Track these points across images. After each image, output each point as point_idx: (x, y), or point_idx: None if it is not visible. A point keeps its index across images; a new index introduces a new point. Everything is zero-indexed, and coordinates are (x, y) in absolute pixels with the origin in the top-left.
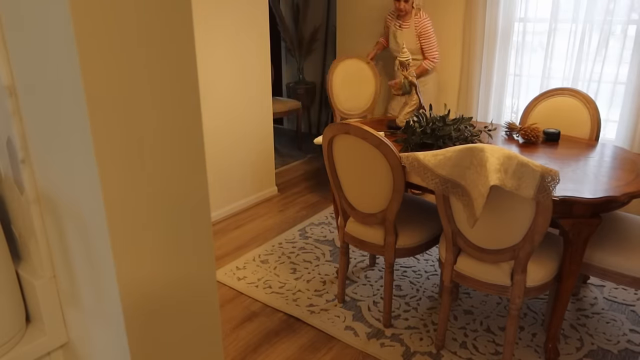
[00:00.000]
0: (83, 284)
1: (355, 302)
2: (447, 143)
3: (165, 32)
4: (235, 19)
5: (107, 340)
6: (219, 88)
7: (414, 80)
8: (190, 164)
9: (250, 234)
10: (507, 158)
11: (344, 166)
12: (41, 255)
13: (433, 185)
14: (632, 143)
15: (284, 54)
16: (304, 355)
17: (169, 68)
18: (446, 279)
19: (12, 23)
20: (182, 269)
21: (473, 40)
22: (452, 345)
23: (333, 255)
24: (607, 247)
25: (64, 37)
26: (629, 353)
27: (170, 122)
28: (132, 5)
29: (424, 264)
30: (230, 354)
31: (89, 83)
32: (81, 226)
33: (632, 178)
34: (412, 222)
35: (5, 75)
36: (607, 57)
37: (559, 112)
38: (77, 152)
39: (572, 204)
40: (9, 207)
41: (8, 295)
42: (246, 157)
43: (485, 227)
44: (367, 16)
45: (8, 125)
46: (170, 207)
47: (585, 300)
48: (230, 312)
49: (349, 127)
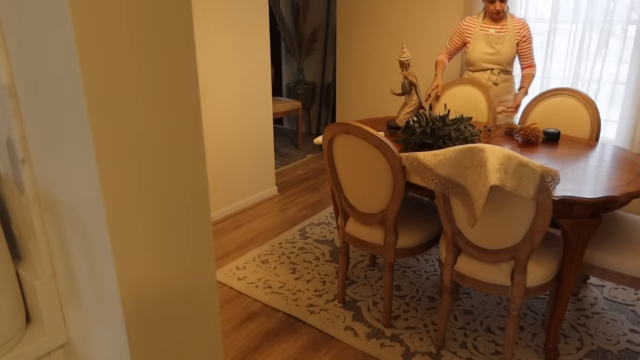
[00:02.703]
0: (83, 284)
1: (355, 302)
2: (447, 143)
3: (165, 31)
4: (235, 19)
5: (107, 340)
6: (219, 88)
7: (414, 80)
8: (190, 164)
9: (250, 234)
10: (507, 158)
11: (344, 166)
12: (41, 255)
13: (433, 185)
14: (632, 143)
15: (284, 54)
16: (304, 355)
17: (169, 68)
18: (446, 279)
19: (12, 23)
20: (182, 269)
21: None
22: (452, 345)
23: (333, 255)
24: (607, 247)
25: (64, 36)
26: (629, 353)
27: (170, 122)
28: (132, 5)
29: (424, 264)
30: (230, 354)
31: (89, 83)
32: (81, 226)
33: (632, 178)
34: (412, 222)
35: (5, 75)
36: (607, 57)
37: (559, 112)
38: (77, 152)
39: (572, 204)
40: (9, 207)
41: (8, 295)
42: (246, 157)
43: (485, 227)
44: (367, 16)
45: (8, 125)
46: (170, 207)
47: (585, 300)
48: (230, 312)
49: (349, 127)
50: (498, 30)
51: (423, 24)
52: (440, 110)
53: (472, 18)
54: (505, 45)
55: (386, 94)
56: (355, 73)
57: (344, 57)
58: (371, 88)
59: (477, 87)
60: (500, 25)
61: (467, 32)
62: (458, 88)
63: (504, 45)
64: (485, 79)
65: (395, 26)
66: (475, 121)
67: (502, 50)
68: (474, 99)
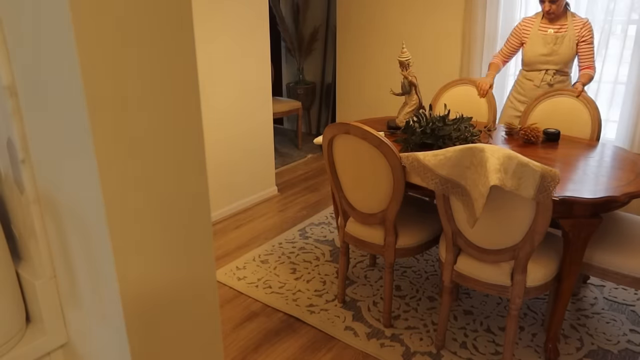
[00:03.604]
0: (83, 284)
1: (355, 302)
2: (447, 143)
3: (165, 31)
4: (235, 19)
5: (107, 340)
6: (219, 88)
7: (414, 80)
8: (190, 163)
9: (250, 234)
10: (507, 158)
11: (344, 166)
12: (41, 255)
13: (433, 185)
14: (632, 143)
15: (284, 54)
16: (304, 355)
17: (169, 68)
18: (446, 279)
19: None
20: (182, 269)
21: (473, 41)
22: (452, 345)
23: (333, 255)
24: (607, 247)
25: (64, 36)
26: (629, 353)
27: (170, 122)
28: (132, 5)
29: (424, 264)
30: (230, 354)
31: (89, 83)
32: (81, 226)
33: (632, 178)
34: (412, 222)
35: (5, 75)
36: (607, 57)
37: (559, 112)
38: (77, 152)
39: (572, 204)
40: (9, 207)
41: (8, 295)
42: (246, 157)
43: (485, 227)
44: (367, 16)
45: (8, 125)
46: (171, 207)
47: (585, 300)
48: (230, 312)
49: (349, 127)
50: (557, 30)
51: (423, 24)
52: (440, 110)
53: (531, 18)
54: (564, 46)
55: (386, 94)
56: (355, 73)
57: (343, 57)
58: (371, 88)
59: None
60: (558, 25)
61: (524, 32)
62: (458, 88)
63: (562, 46)
64: (540, 79)
65: (395, 26)
66: (475, 121)
67: (560, 50)
68: (474, 99)
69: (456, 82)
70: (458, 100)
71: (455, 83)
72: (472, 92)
